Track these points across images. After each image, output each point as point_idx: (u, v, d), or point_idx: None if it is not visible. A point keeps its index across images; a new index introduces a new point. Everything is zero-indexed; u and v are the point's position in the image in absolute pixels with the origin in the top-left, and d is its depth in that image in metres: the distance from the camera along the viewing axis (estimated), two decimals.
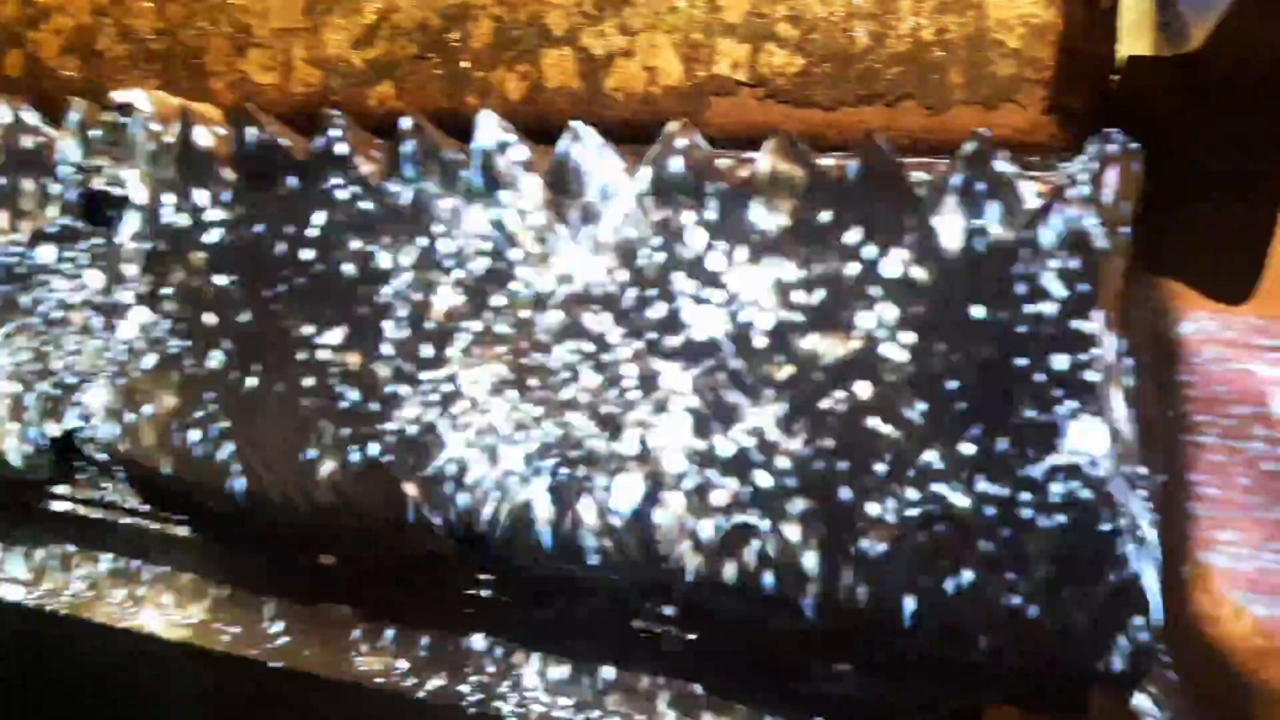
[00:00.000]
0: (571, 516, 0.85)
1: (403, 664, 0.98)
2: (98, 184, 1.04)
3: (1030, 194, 0.76)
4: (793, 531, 0.80)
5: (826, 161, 0.82)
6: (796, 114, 0.91)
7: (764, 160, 0.82)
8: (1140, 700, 1.21)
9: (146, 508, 1.01)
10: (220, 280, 0.96)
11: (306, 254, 0.94)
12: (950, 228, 0.77)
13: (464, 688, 0.96)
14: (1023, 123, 0.85)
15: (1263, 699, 1.20)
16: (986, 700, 0.87)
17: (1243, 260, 1.17)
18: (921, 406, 0.78)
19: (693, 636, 0.91)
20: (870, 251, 0.79)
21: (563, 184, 0.88)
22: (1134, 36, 1.18)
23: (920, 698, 0.86)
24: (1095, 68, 0.95)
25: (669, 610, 0.89)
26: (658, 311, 0.85)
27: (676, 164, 0.84)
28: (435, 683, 0.96)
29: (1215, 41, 1.15)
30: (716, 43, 0.92)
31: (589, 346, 0.87)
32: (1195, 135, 1.16)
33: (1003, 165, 0.77)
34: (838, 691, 0.89)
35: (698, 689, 0.93)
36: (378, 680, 0.98)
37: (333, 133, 0.92)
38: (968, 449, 0.77)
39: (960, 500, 0.77)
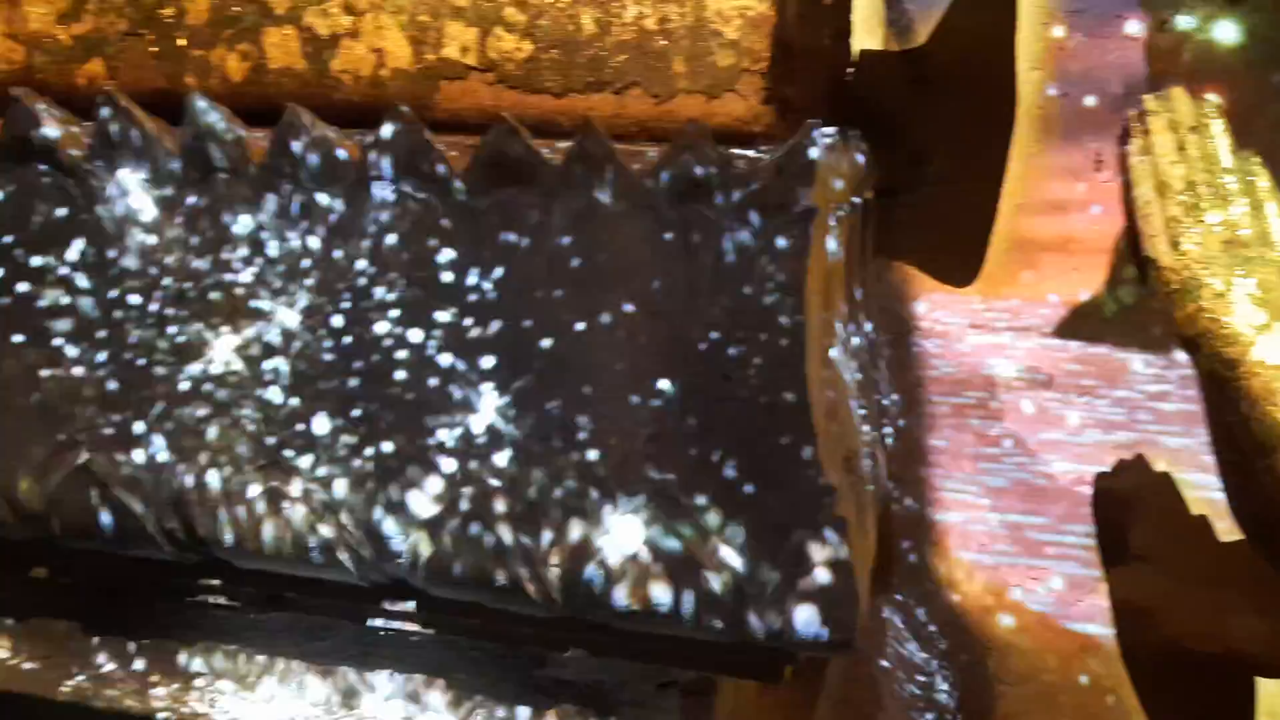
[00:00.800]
0: (292, 516, 0.82)
1: (127, 679, 0.92)
2: None
3: (736, 184, 0.77)
4: (510, 521, 0.80)
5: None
6: (528, 100, 0.90)
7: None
8: (883, 661, 1.28)
9: None
10: None
11: None
12: (655, 219, 0.78)
13: (193, 700, 0.91)
14: (743, 112, 0.87)
15: (996, 652, 1.29)
16: (716, 674, 0.89)
17: (967, 244, 1.25)
18: (635, 399, 0.79)
19: (432, 632, 0.89)
20: (566, 239, 0.79)
21: (279, 169, 0.84)
22: (866, 31, 1.24)
23: (654, 676, 0.88)
24: (817, 60, 0.98)
25: (405, 607, 0.88)
26: (389, 298, 0.83)
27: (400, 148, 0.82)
28: (162, 697, 0.91)
29: (938, 36, 1.22)
30: (445, 25, 0.90)
31: (307, 338, 0.84)
32: (922, 125, 1.23)
33: (711, 155, 0.78)
34: (577, 676, 0.89)
35: (440, 684, 0.91)
36: (100, 698, 0.92)
37: (18, 114, 0.85)
38: (685, 438, 0.78)
39: (673, 484, 0.78)
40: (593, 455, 0.80)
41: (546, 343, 0.81)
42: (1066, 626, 1.26)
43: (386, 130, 0.82)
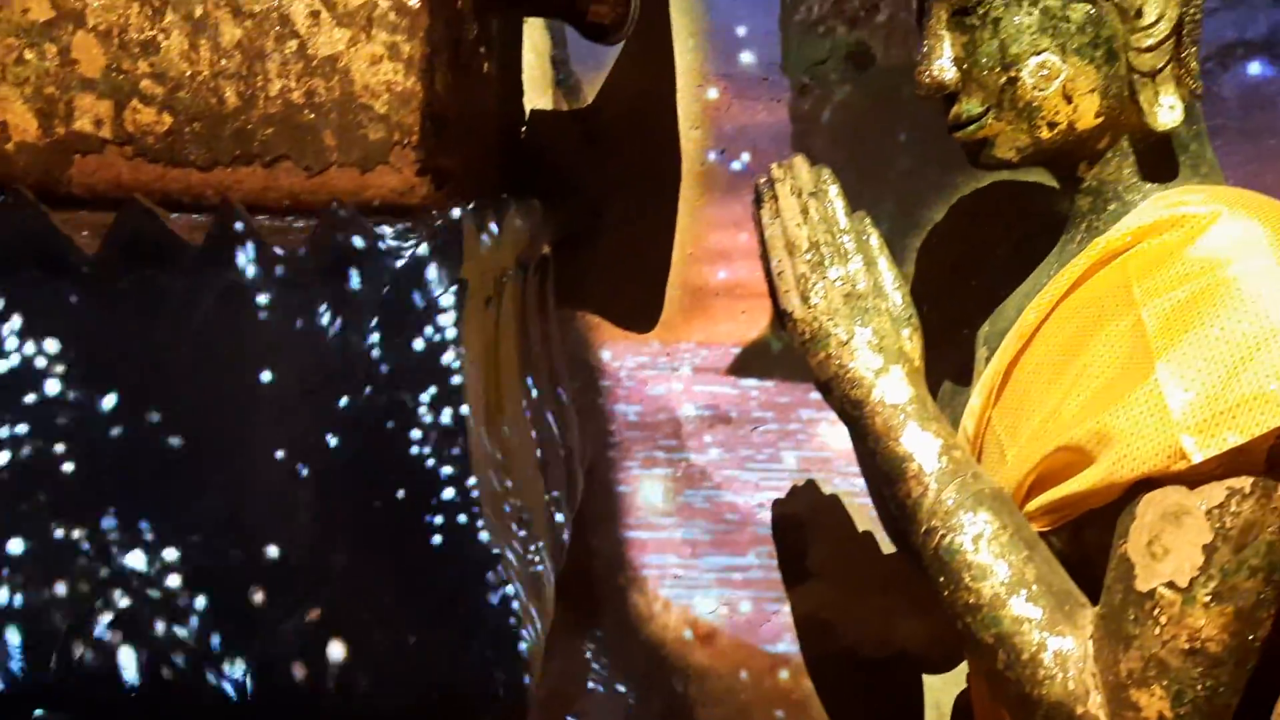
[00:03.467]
0: None
1: None
2: None
3: (386, 260, 0.78)
4: (180, 618, 0.77)
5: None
6: (170, 174, 0.87)
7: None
8: (587, 698, 1.31)
9: None
10: None
11: None
12: (304, 298, 0.78)
13: None
14: (398, 184, 0.88)
15: (695, 678, 1.35)
16: None
17: (646, 292, 1.32)
18: (293, 480, 0.78)
19: None
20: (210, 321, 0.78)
21: None
22: (536, 92, 1.29)
23: None
24: (477, 127, 1.01)
25: (65, 716, 0.82)
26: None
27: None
28: None
29: (604, 96, 1.29)
30: (75, 98, 0.86)
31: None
32: (596, 180, 1.28)
33: (360, 232, 0.79)
34: None
35: None
36: None
37: None
38: (347, 517, 0.78)
39: (338, 560, 0.78)
40: (250, 541, 0.79)
41: (193, 429, 0.79)
42: (757, 646, 1.34)
43: None
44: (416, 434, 0.78)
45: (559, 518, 1.04)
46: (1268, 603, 0.77)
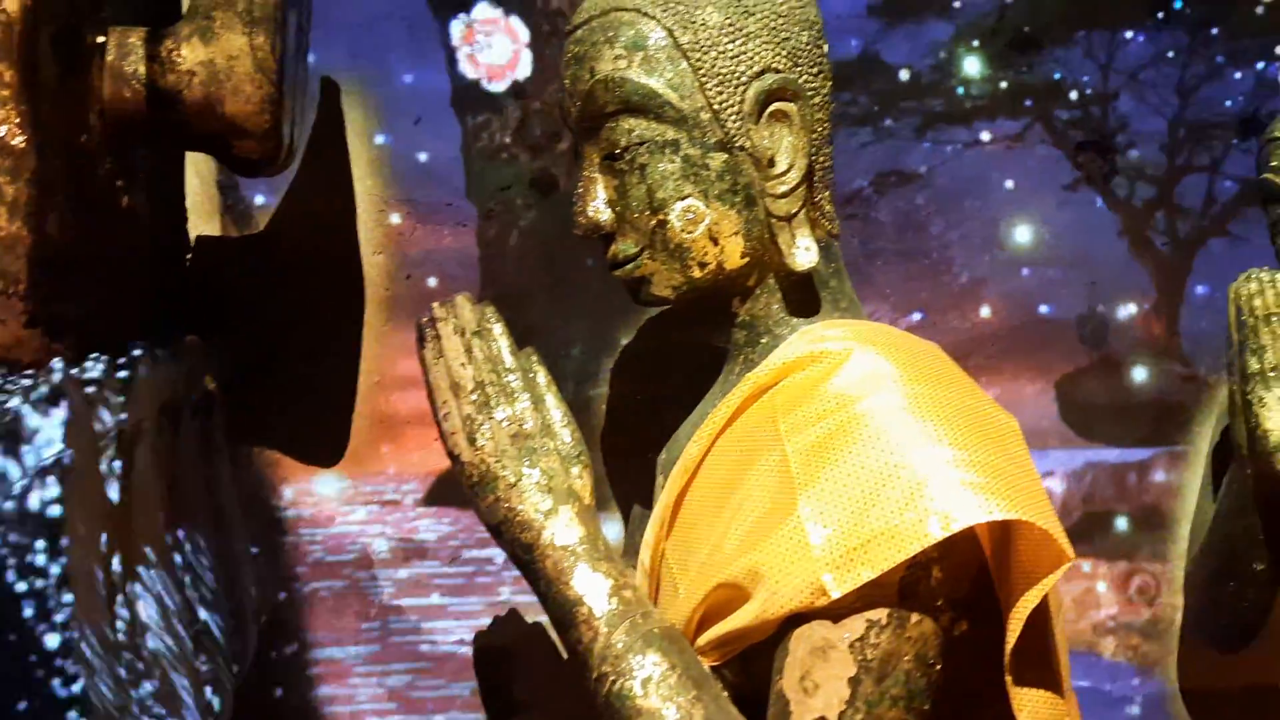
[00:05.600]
0: None
1: None
2: None
3: None
4: None
5: None
6: None
7: None
8: None
9: None
10: None
11: None
12: None
13: None
14: (3, 338, 0.79)
15: None
16: None
17: (330, 424, 1.26)
18: None
19: None
20: None
21: None
22: (202, 220, 1.22)
23: None
24: (111, 267, 0.93)
25: None
26: None
27: None
28: None
29: (279, 222, 1.23)
30: None
31: None
32: (272, 310, 1.22)
33: None
34: None
35: None
36: None
37: None
38: None
39: None
40: None
41: None
42: None
43: None
44: (11, 635, 0.69)
45: (220, 684, 0.95)
46: None
